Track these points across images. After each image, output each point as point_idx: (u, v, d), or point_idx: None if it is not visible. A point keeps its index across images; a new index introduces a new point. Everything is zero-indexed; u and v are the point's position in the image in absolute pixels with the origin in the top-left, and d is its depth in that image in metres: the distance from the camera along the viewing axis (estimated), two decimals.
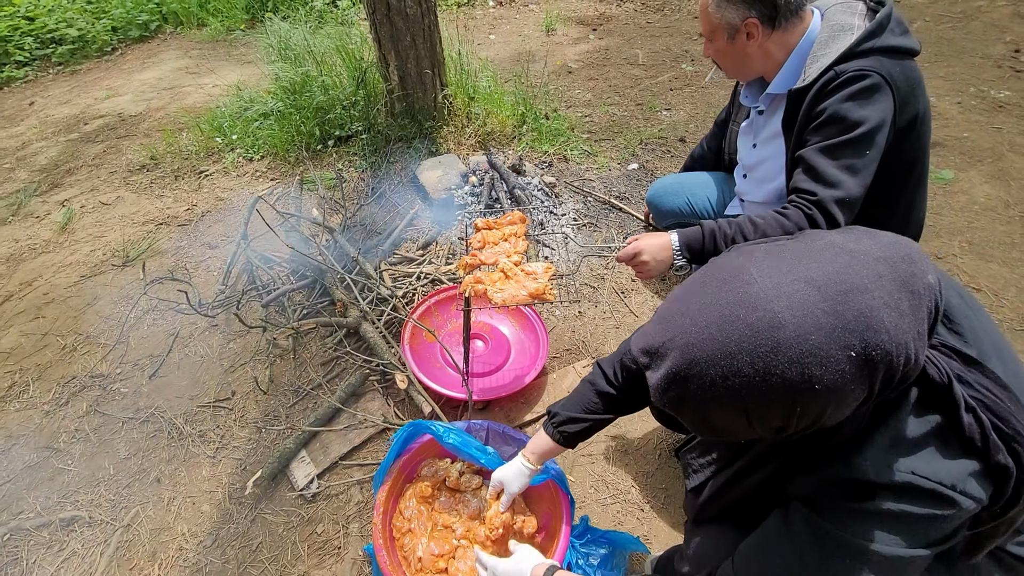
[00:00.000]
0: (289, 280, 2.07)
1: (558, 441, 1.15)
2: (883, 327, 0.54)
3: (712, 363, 0.57)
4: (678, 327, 0.61)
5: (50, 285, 2.30)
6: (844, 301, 0.55)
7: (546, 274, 1.27)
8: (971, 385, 0.64)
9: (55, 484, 1.59)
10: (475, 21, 4.62)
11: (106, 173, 3.00)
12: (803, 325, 0.54)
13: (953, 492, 0.61)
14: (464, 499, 1.38)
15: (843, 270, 0.56)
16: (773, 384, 0.55)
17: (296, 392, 1.76)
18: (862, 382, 0.55)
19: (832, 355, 0.54)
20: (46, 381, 1.90)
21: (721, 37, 1.30)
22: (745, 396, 0.57)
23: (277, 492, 1.52)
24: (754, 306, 0.56)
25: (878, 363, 0.55)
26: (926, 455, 0.62)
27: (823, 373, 0.54)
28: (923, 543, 0.63)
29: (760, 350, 0.55)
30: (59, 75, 4.48)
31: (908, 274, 0.57)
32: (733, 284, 0.60)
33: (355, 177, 2.65)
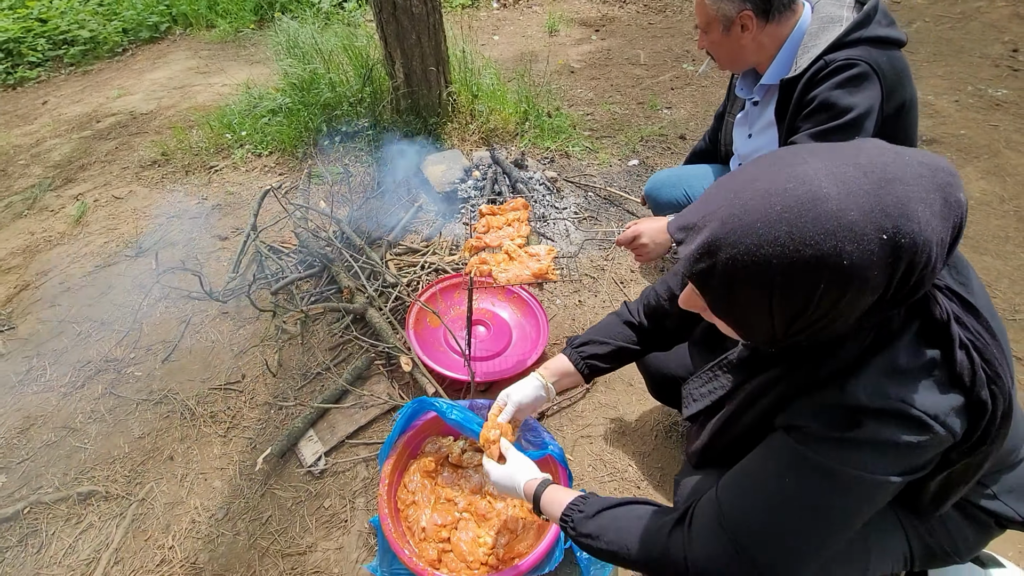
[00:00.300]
0: (297, 270, 2.12)
1: (575, 363, 1.15)
2: (916, 218, 0.56)
3: (750, 231, 0.59)
4: (721, 200, 0.63)
5: (65, 275, 2.37)
6: (886, 187, 0.57)
7: (549, 256, 1.33)
8: (967, 327, 0.67)
9: (72, 461, 1.65)
10: (479, 22, 4.69)
11: (118, 169, 3.07)
12: (845, 201, 0.56)
13: (935, 422, 0.64)
14: (466, 475, 1.43)
15: (889, 163, 0.59)
16: (805, 256, 0.57)
17: (304, 375, 1.82)
18: (884, 270, 0.57)
19: (866, 233, 0.56)
20: (62, 365, 1.96)
21: (716, 29, 1.35)
22: (775, 267, 0.58)
23: (286, 469, 1.57)
24: (802, 180, 0.58)
25: (903, 252, 0.57)
26: (917, 386, 0.65)
27: (853, 249, 0.56)
28: (899, 470, 0.67)
29: (801, 220, 0.57)
30: (71, 75, 4.58)
31: (946, 183, 0.59)
32: (783, 165, 0.61)
33: (361, 172, 2.71)
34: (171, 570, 1.39)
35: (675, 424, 1.64)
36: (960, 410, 0.66)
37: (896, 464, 0.67)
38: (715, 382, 0.93)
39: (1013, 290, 2.02)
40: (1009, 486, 0.85)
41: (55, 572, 1.41)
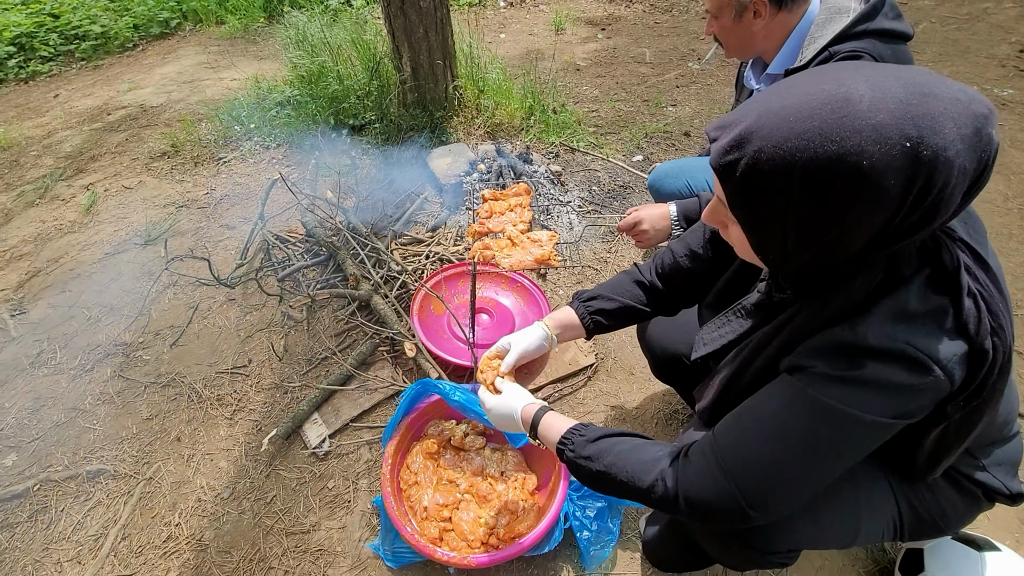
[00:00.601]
0: (304, 258, 2.15)
1: (582, 316, 1.15)
2: (943, 135, 0.57)
3: (782, 124, 0.61)
4: (761, 101, 0.65)
5: (76, 262, 2.40)
6: (919, 99, 0.58)
7: (551, 242, 1.34)
8: (976, 278, 0.69)
9: (81, 441, 1.68)
10: (486, 20, 4.72)
11: (128, 160, 3.11)
12: (876, 104, 0.58)
13: (936, 366, 0.66)
14: (468, 457, 1.45)
15: (929, 81, 0.60)
16: (828, 151, 0.58)
17: (309, 361, 1.84)
18: (901, 182, 0.58)
19: (890, 137, 0.57)
20: (72, 349, 1.99)
21: (728, 15, 1.34)
22: (797, 160, 0.60)
23: (291, 451, 1.60)
24: (840, 83, 0.61)
25: (922, 165, 0.57)
26: (924, 329, 0.67)
27: (875, 151, 0.57)
28: (895, 412, 0.68)
29: (831, 117, 0.59)
30: (82, 70, 4.63)
31: (981, 115, 0.59)
32: (826, 71, 0.64)
33: (368, 164, 2.74)
34: (177, 546, 1.41)
35: (675, 412, 1.65)
36: (962, 358, 0.67)
37: (892, 405, 0.68)
38: (727, 327, 0.94)
39: (1016, 286, 2.03)
40: (999, 459, 0.87)
41: (64, 547, 1.43)
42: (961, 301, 0.66)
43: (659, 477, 0.80)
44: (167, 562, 1.38)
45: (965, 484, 0.87)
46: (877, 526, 0.91)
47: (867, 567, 1.29)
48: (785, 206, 0.63)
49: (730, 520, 0.75)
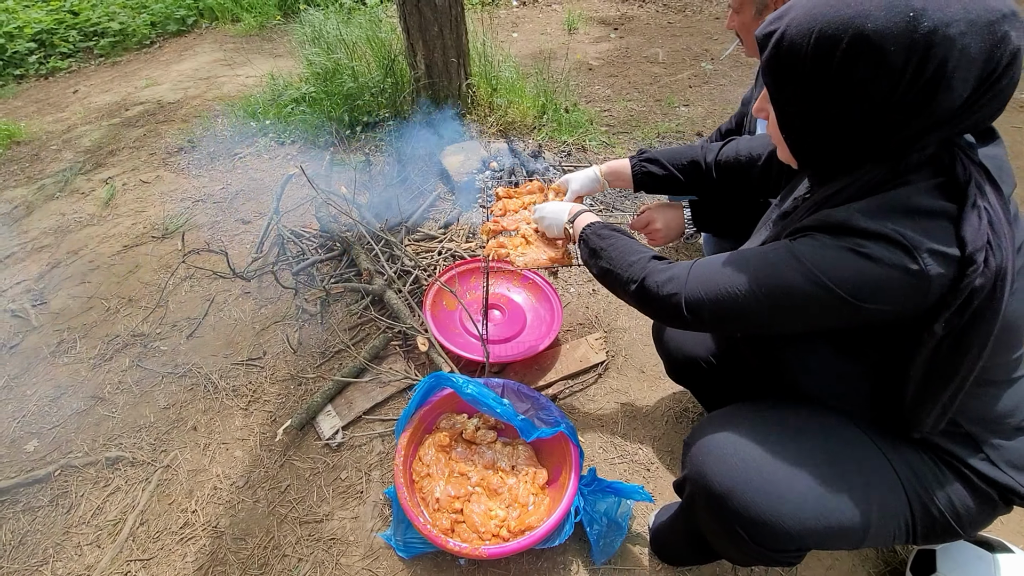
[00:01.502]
0: (318, 252, 2.18)
1: (634, 170, 1.32)
2: (948, 11, 0.61)
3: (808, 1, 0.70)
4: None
5: (95, 254, 2.45)
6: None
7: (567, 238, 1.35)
8: (986, 197, 0.68)
9: (101, 428, 1.72)
10: (499, 20, 4.73)
11: (146, 154, 3.16)
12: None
13: (916, 253, 0.67)
14: (480, 451, 1.47)
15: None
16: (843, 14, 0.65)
17: (323, 353, 1.87)
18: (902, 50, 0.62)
19: (897, 5, 0.62)
20: (91, 339, 2.03)
21: (749, 10, 1.34)
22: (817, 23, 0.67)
23: (304, 441, 1.62)
24: None
25: (921, 36, 0.61)
26: (918, 224, 0.68)
27: (880, 16, 0.63)
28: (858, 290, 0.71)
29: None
30: (101, 66, 4.70)
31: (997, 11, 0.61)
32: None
33: (381, 161, 2.77)
34: (193, 532, 1.44)
35: (686, 410, 1.66)
36: (949, 260, 0.67)
37: (857, 280, 0.70)
38: (758, 236, 1.02)
39: None
40: (1009, 459, 0.85)
41: (84, 531, 1.47)
42: (965, 209, 0.68)
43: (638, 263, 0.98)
44: (184, 548, 1.41)
45: (974, 481, 0.86)
46: (888, 526, 0.91)
47: (878, 567, 1.29)
48: (801, 72, 0.70)
49: (667, 314, 0.91)
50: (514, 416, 1.33)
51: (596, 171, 1.35)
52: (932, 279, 0.67)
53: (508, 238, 1.36)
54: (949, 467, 0.88)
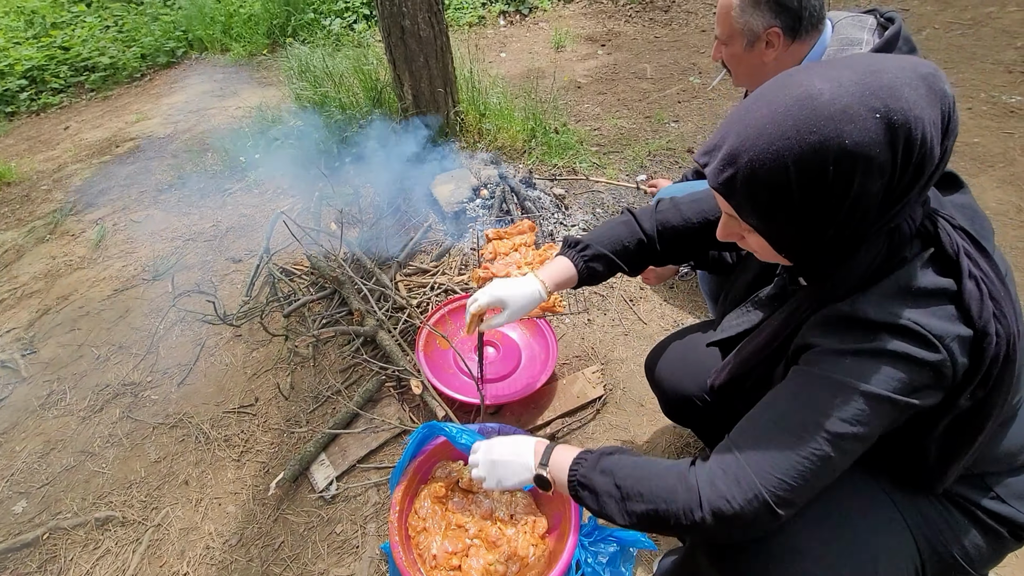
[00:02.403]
0: (309, 292, 2.15)
1: (577, 265, 1.13)
2: (904, 98, 0.63)
3: (762, 134, 0.67)
4: (734, 120, 0.72)
5: (85, 299, 2.42)
6: (872, 76, 0.64)
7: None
8: (976, 264, 0.71)
9: (91, 486, 1.68)
10: (486, 40, 4.75)
11: (136, 192, 3.15)
12: (837, 91, 0.64)
13: (939, 342, 0.67)
14: (477, 500, 1.43)
15: (874, 61, 0.67)
16: (812, 141, 0.64)
17: (316, 398, 1.83)
18: (885, 148, 0.63)
19: (860, 114, 0.63)
20: (81, 389, 2.00)
21: (739, 43, 1.29)
22: (788, 157, 0.65)
23: (298, 494, 1.59)
24: (798, 85, 0.67)
25: (898, 128, 0.63)
26: (926, 310, 0.69)
27: (852, 129, 0.63)
28: (902, 386, 0.69)
29: (801, 114, 0.65)
30: (92, 101, 4.72)
31: (929, 75, 0.66)
32: (781, 79, 0.71)
33: (371, 192, 2.75)
34: None
35: (687, 446, 1.62)
36: (964, 342, 0.69)
37: (900, 379, 0.69)
38: (746, 316, 0.98)
39: None
40: (1018, 492, 0.84)
41: None
42: (963, 283, 0.69)
43: (682, 477, 0.77)
44: None
45: (984, 520, 0.84)
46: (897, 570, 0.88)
47: None
48: (792, 199, 0.68)
49: (761, 523, 0.72)
50: None
51: (539, 287, 1.13)
52: (955, 363, 0.68)
53: None
54: (958, 508, 0.86)
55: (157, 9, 5.47)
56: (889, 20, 1.24)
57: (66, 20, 5.33)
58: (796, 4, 1.19)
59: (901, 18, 1.24)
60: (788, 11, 1.21)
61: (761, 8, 1.22)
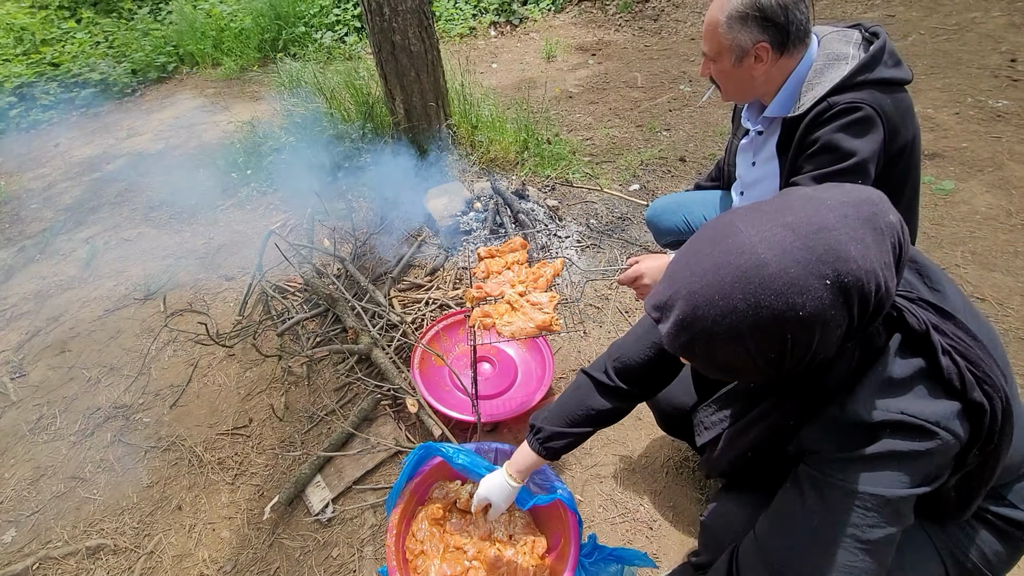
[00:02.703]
0: (303, 309, 2.14)
1: (543, 456, 1.15)
2: (851, 257, 0.62)
3: (711, 305, 0.65)
4: (680, 280, 0.70)
5: (75, 320, 2.40)
6: (815, 238, 0.63)
7: (551, 304, 1.32)
8: (946, 334, 0.72)
9: (81, 513, 1.65)
10: (477, 51, 4.77)
11: (127, 210, 3.13)
12: (783, 261, 0.62)
13: (937, 428, 0.68)
14: (475, 520, 1.41)
15: (813, 214, 0.65)
16: (765, 316, 0.63)
17: (311, 418, 1.81)
18: (840, 308, 0.63)
19: (811, 284, 0.62)
20: (72, 413, 1.97)
21: (727, 59, 1.29)
22: (743, 330, 0.65)
23: (294, 517, 1.56)
24: (741, 251, 0.65)
25: (851, 289, 0.62)
26: (912, 396, 0.70)
27: (805, 301, 0.62)
28: (918, 480, 0.70)
29: (750, 287, 0.63)
30: (82, 117, 4.69)
31: (871, 213, 0.65)
32: (723, 236, 0.68)
33: (364, 207, 2.74)
34: None
35: (686, 460, 1.61)
36: (959, 414, 0.69)
37: (913, 474, 0.70)
38: (722, 412, 0.97)
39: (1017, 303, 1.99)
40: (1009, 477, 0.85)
41: None
42: (938, 361, 0.69)
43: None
44: None
45: (1000, 525, 0.86)
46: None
47: None
48: (752, 359, 0.68)
49: None
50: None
51: (506, 479, 1.20)
52: (959, 438, 0.69)
53: (492, 305, 1.32)
54: (975, 516, 0.88)
55: (148, 24, 5.46)
56: (874, 35, 1.25)
57: (56, 36, 5.31)
58: (783, 19, 1.20)
59: (885, 33, 1.25)
60: (776, 26, 1.21)
61: (748, 24, 1.22)
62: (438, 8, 5.17)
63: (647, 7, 5.12)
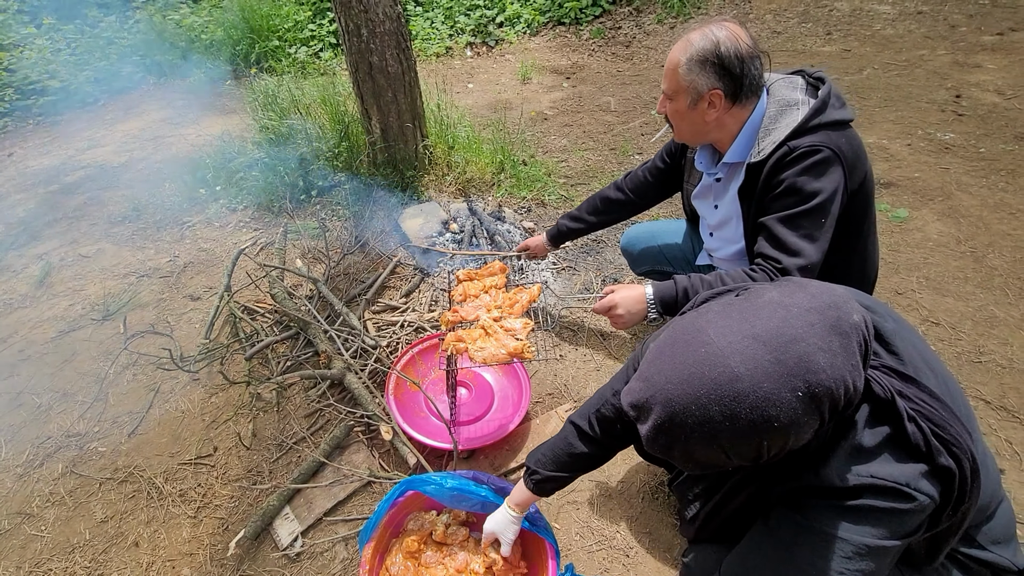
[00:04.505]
0: (273, 332, 2.08)
1: (537, 494, 1.25)
2: (820, 368, 0.66)
3: (688, 414, 0.69)
4: (656, 385, 0.72)
5: (26, 341, 2.27)
6: (785, 351, 0.66)
7: (525, 330, 1.32)
8: (910, 399, 0.75)
9: (27, 552, 1.54)
10: (453, 71, 4.81)
11: (87, 225, 3.00)
12: (755, 376, 0.66)
13: (908, 489, 0.71)
14: (451, 552, 1.38)
15: (781, 325, 0.68)
16: (740, 427, 0.67)
17: (280, 446, 1.75)
18: (812, 414, 0.67)
19: (783, 397, 0.65)
20: (19, 442, 1.86)
21: (683, 100, 1.34)
22: (720, 438, 0.68)
23: (260, 552, 1.50)
24: (714, 364, 0.68)
25: (822, 397, 0.66)
26: (881, 461, 0.73)
27: (779, 413, 0.65)
28: (892, 535, 0.73)
29: (725, 400, 0.66)
30: (40, 126, 4.51)
31: (835, 319, 0.69)
32: (695, 346, 0.71)
33: (338, 226, 2.70)
34: None
35: (661, 484, 1.62)
36: (927, 475, 0.73)
37: (889, 528, 0.73)
38: (703, 482, 1.01)
39: (977, 331, 2.09)
40: (993, 537, 0.89)
41: None
42: (904, 428, 0.73)
43: None
44: None
45: (972, 566, 0.89)
46: None
47: None
48: (727, 458, 0.71)
49: None
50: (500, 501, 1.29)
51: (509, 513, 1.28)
52: (933, 498, 0.73)
53: (467, 331, 1.31)
54: (948, 557, 0.91)
55: (114, 32, 5.31)
56: (819, 79, 1.32)
57: (14, 42, 5.10)
58: (738, 71, 1.25)
59: (829, 77, 1.32)
60: (730, 76, 1.27)
61: (706, 69, 1.27)
62: (415, 27, 5.20)
63: (619, 34, 5.28)
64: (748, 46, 1.25)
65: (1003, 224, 2.55)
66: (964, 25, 4.57)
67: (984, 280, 2.28)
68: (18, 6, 5.46)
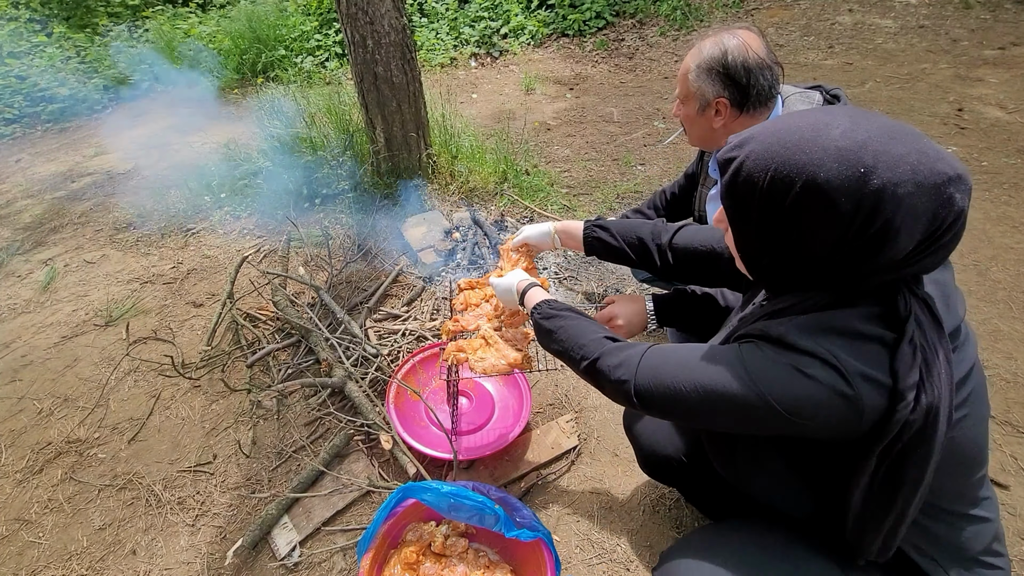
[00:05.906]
0: (274, 339, 2.08)
1: (585, 233, 1.30)
2: (897, 171, 0.63)
3: (773, 135, 0.72)
4: (767, 123, 0.77)
5: (29, 347, 2.27)
6: (887, 139, 0.65)
7: (526, 341, 1.32)
8: (924, 334, 0.69)
9: (24, 560, 1.54)
10: (457, 81, 4.85)
11: (92, 231, 3.02)
12: (848, 133, 0.66)
13: (848, 375, 0.69)
14: (450, 564, 1.37)
15: (904, 131, 0.67)
16: (797, 160, 0.68)
17: (279, 455, 1.75)
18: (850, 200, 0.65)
19: (849, 159, 0.65)
20: (19, 448, 1.86)
21: (692, 105, 1.36)
22: (772, 161, 0.70)
23: (258, 562, 1.49)
24: (828, 112, 0.72)
25: (871, 192, 0.64)
26: (850, 347, 0.71)
27: (831, 167, 0.65)
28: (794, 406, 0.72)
29: (809, 134, 0.68)
30: (47, 132, 4.56)
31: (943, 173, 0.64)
32: (820, 108, 0.76)
33: (341, 234, 2.72)
34: None
35: (662, 497, 1.61)
36: (881, 388, 0.69)
37: (798, 395, 0.71)
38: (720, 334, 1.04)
39: (980, 345, 2.08)
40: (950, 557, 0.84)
41: None
42: (902, 342, 0.69)
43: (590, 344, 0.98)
44: None
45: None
46: None
47: None
48: (756, 205, 0.73)
49: (619, 398, 0.93)
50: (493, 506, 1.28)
51: (550, 227, 1.37)
52: (865, 405, 0.69)
53: (467, 341, 1.31)
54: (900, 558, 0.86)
55: (123, 41, 5.38)
56: (835, 97, 1.32)
57: (24, 50, 5.18)
58: (744, 80, 1.26)
59: (846, 95, 1.32)
60: (736, 85, 1.27)
61: (713, 77, 1.28)
62: (420, 38, 5.26)
63: (623, 45, 5.32)
64: (758, 57, 1.24)
65: (1006, 238, 2.55)
66: (966, 39, 4.59)
67: (987, 294, 2.27)
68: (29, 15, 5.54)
